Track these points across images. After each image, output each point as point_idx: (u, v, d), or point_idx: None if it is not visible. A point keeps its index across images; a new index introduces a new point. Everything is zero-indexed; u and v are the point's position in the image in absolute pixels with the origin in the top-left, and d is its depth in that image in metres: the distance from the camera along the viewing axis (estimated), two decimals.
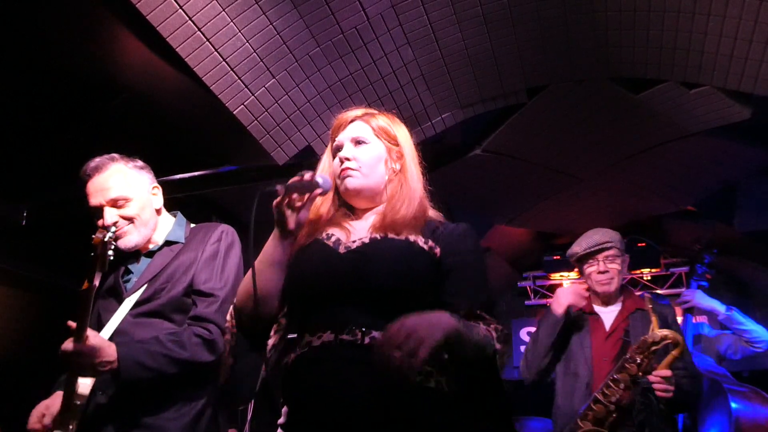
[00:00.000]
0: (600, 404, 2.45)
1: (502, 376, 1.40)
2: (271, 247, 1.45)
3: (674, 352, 2.40)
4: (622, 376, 2.43)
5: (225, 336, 1.54)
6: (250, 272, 1.44)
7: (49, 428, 1.80)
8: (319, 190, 1.43)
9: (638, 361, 2.43)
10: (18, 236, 4.25)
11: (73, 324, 1.69)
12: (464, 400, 1.33)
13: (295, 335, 1.44)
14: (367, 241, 1.44)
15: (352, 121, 1.59)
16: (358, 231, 1.49)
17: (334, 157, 1.58)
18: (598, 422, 2.44)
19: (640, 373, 2.41)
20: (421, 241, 1.43)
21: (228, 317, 1.55)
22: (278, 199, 1.39)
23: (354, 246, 1.43)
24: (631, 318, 2.70)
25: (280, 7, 3.18)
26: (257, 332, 1.48)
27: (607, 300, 2.81)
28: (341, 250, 1.44)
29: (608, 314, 2.78)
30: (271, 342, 1.46)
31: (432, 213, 1.56)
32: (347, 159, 1.52)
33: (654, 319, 2.51)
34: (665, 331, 2.44)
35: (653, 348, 2.43)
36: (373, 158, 1.54)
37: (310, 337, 1.36)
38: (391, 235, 1.43)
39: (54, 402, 1.84)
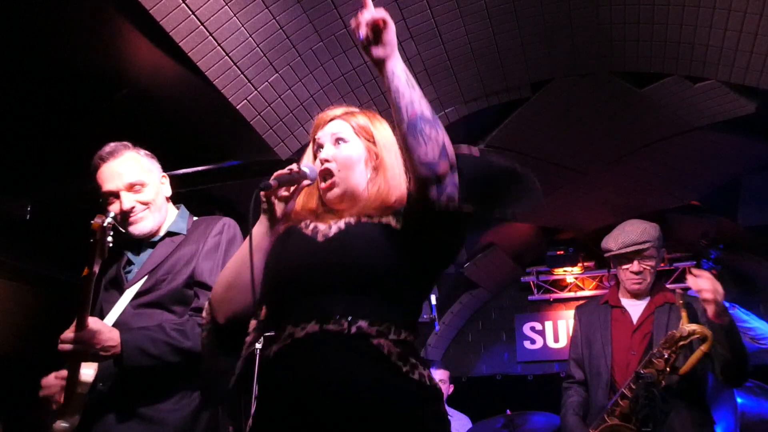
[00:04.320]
0: (627, 399, 2.41)
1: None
2: (257, 234, 1.44)
3: (703, 348, 2.34)
4: (649, 371, 2.38)
5: (202, 334, 1.52)
6: (230, 263, 1.46)
7: (58, 402, 1.80)
8: (306, 182, 1.45)
9: (666, 356, 2.38)
10: (22, 231, 4.26)
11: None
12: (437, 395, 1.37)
13: (272, 333, 1.43)
14: (342, 227, 1.44)
15: (331, 119, 1.58)
16: (337, 220, 1.49)
17: (315, 158, 1.56)
18: (625, 417, 2.40)
19: (668, 368, 2.37)
20: (393, 221, 1.44)
21: (204, 314, 1.53)
22: (268, 191, 1.40)
23: (331, 233, 1.43)
24: (657, 311, 2.63)
25: (283, 2, 3.17)
26: (233, 329, 1.46)
27: (637, 295, 2.73)
28: (319, 238, 1.44)
29: (636, 307, 2.71)
30: (248, 339, 1.45)
31: None
32: (326, 161, 1.50)
33: (684, 314, 2.42)
34: (693, 326, 2.38)
35: (681, 343, 2.38)
36: (353, 157, 1.52)
37: (293, 328, 1.34)
38: (364, 220, 1.44)
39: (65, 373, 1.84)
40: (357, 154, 1.52)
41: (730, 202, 5.53)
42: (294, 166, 1.43)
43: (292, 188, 1.45)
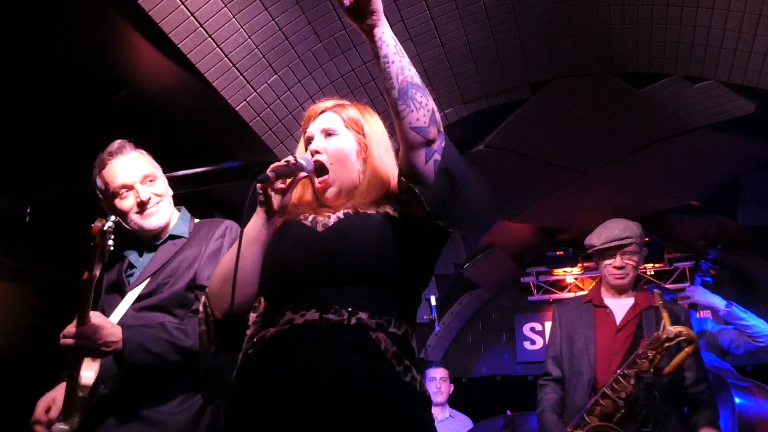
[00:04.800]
0: (608, 399, 2.44)
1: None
2: (254, 227, 1.44)
3: (687, 349, 2.38)
4: (633, 371, 2.42)
5: (200, 327, 1.51)
6: (226, 257, 1.46)
7: (53, 422, 1.80)
8: (303, 174, 1.45)
9: (650, 357, 2.42)
10: (22, 232, 4.26)
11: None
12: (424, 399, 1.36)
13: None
14: (342, 216, 1.44)
15: (322, 112, 1.58)
16: (336, 211, 1.49)
17: (306, 150, 1.57)
18: (606, 417, 2.42)
19: (652, 369, 2.40)
20: (391, 210, 1.45)
21: (201, 307, 1.52)
22: (266, 183, 1.40)
23: (331, 223, 1.44)
24: (644, 314, 2.67)
25: (282, 3, 3.17)
26: (231, 324, 1.45)
27: (621, 292, 2.78)
28: (319, 228, 1.44)
29: (619, 308, 2.75)
30: (249, 332, 1.43)
31: None
32: (317, 152, 1.51)
33: (665, 315, 2.49)
34: (680, 328, 2.42)
35: (666, 345, 2.41)
36: (344, 150, 1.52)
37: (293, 314, 1.34)
38: (362, 210, 1.44)
39: (59, 394, 1.84)
40: (347, 147, 1.52)
41: (730, 202, 5.53)
42: (291, 158, 1.43)
43: (289, 180, 1.45)
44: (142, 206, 1.97)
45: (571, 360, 2.71)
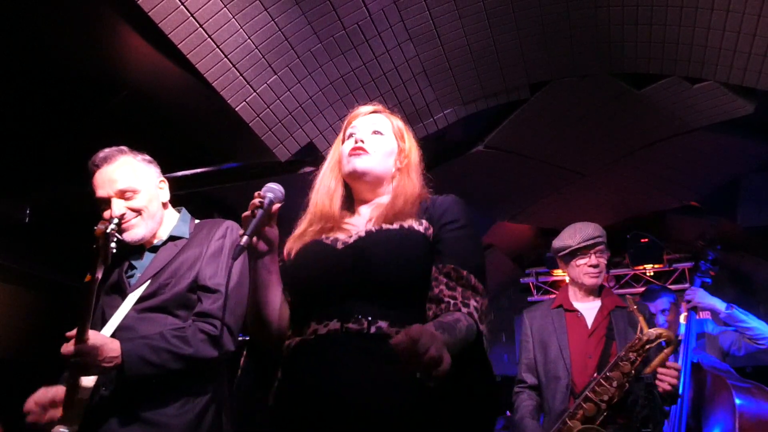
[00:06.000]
0: (591, 402, 2.46)
1: (489, 357, 1.44)
2: (256, 274, 1.44)
3: (667, 351, 2.45)
4: (615, 374, 2.46)
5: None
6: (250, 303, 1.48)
7: (53, 421, 1.80)
8: (276, 206, 1.41)
9: (632, 359, 2.46)
10: (21, 234, 4.25)
11: (72, 334, 1.69)
12: (454, 394, 1.34)
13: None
14: (363, 234, 1.47)
15: (373, 112, 1.65)
16: (357, 227, 1.52)
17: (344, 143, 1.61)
18: (588, 420, 2.44)
19: (633, 371, 2.45)
20: (415, 224, 1.47)
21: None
22: (247, 240, 1.34)
23: (351, 241, 1.47)
24: (612, 316, 2.72)
25: (282, 4, 3.17)
26: (270, 358, 1.49)
27: (590, 294, 2.82)
28: (339, 246, 1.47)
29: (589, 311, 2.79)
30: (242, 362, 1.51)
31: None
32: (362, 140, 1.56)
33: (641, 318, 2.54)
34: (660, 330, 2.49)
35: (648, 347, 2.47)
36: (386, 150, 1.59)
37: (317, 325, 1.39)
38: (385, 226, 1.46)
39: (58, 392, 1.83)
40: (390, 149, 1.60)
41: (730, 202, 5.52)
42: (255, 201, 1.38)
43: (268, 220, 1.44)
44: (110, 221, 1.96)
45: (547, 366, 2.73)
